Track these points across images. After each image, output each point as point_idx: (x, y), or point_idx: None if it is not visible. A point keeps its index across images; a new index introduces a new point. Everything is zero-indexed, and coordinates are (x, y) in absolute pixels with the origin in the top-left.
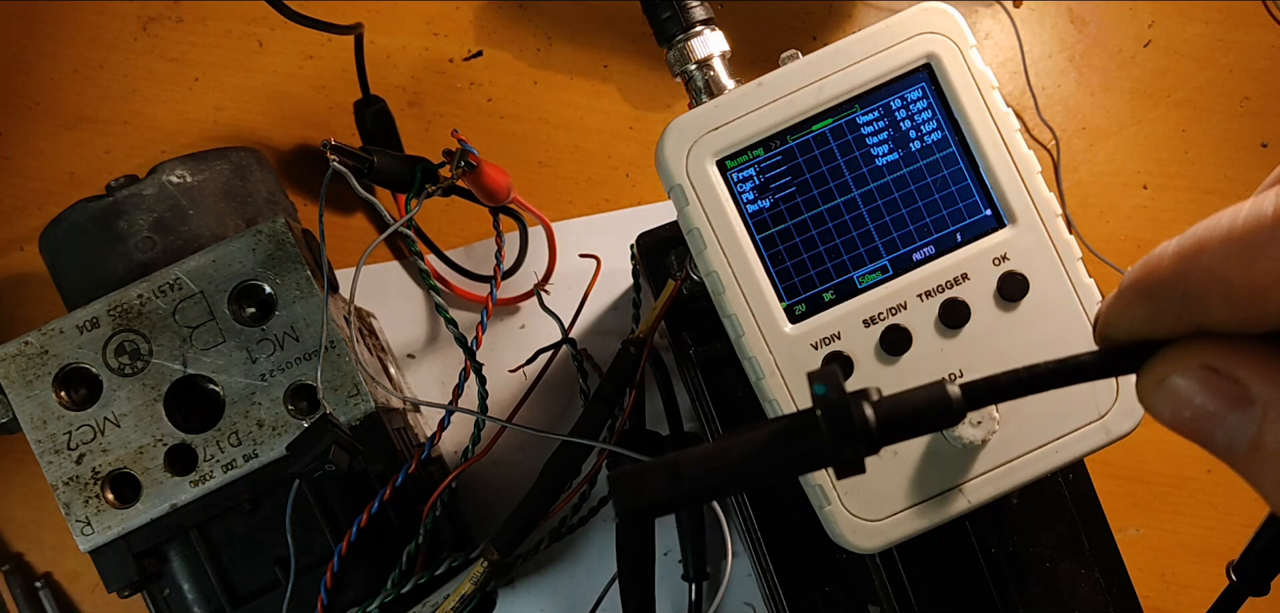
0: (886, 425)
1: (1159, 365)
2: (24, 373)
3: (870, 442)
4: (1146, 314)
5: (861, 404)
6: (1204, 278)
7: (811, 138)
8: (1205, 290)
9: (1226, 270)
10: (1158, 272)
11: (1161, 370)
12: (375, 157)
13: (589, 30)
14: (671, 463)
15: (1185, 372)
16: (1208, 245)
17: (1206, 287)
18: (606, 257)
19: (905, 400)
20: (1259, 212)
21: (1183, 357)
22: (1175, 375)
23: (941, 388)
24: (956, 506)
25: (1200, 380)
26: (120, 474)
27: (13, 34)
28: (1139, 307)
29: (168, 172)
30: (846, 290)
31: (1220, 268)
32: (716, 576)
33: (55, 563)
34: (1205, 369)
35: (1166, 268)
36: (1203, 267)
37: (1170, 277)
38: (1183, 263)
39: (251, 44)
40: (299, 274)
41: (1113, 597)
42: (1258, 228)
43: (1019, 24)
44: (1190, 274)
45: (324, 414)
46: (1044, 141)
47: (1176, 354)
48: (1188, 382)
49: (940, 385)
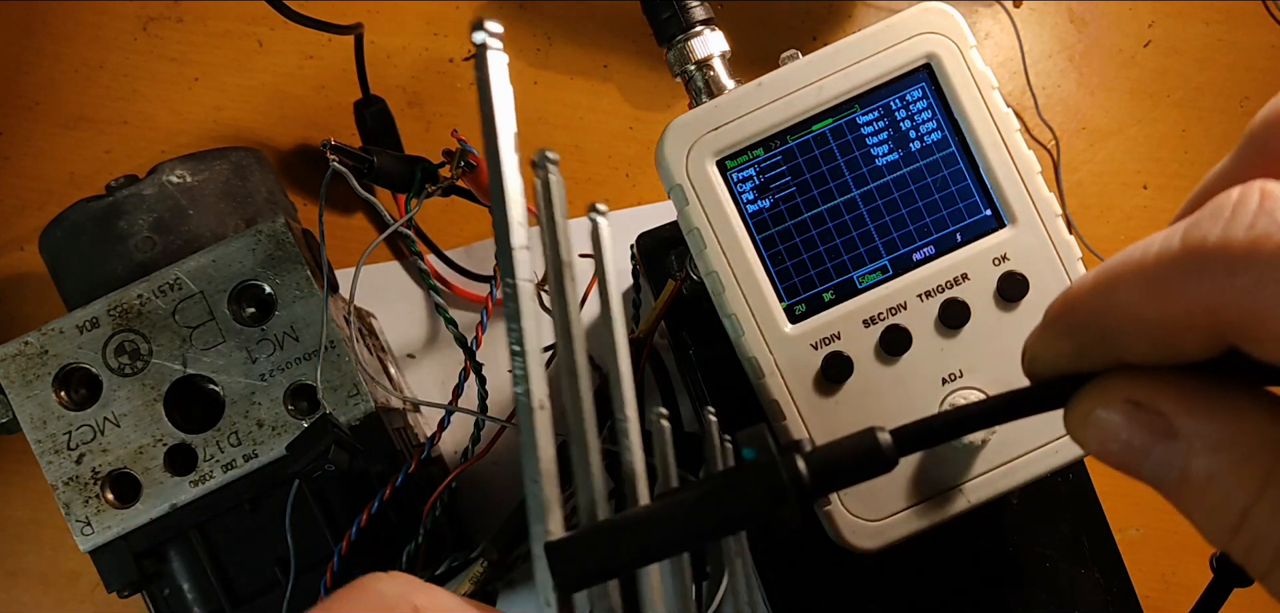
0: (820, 477)
1: (1083, 400)
2: (24, 373)
3: (804, 496)
4: (1069, 350)
5: (793, 460)
6: (1120, 317)
7: (811, 138)
8: (1122, 328)
9: (1140, 309)
10: (1076, 308)
11: (1086, 405)
12: (375, 157)
13: (589, 30)
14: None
15: (1109, 406)
16: (1121, 281)
17: (1123, 325)
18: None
19: (837, 450)
20: (1168, 247)
21: (1106, 391)
22: (1099, 409)
23: (872, 436)
24: (956, 505)
25: (1124, 414)
26: (120, 474)
27: (13, 34)
28: (1062, 342)
29: (168, 171)
30: (846, 290)
31: (1134, 306)
32: (716, 576)
33: (55, 563)
34: (1129, 403)
35: (1083, 305)
36: (1118, 305)
37: (1088, 313)
38: (1098, 300)
39: (251, 44)
40: (299, 274)
41: (1113, 597)
42: (1167, 265)
43: (1019, 24)
44: (1107, 311)
45: (324, 414)
46: (1044, 141)
47: (1100, 389)
48: (1112, 416)
49: (871, 434)
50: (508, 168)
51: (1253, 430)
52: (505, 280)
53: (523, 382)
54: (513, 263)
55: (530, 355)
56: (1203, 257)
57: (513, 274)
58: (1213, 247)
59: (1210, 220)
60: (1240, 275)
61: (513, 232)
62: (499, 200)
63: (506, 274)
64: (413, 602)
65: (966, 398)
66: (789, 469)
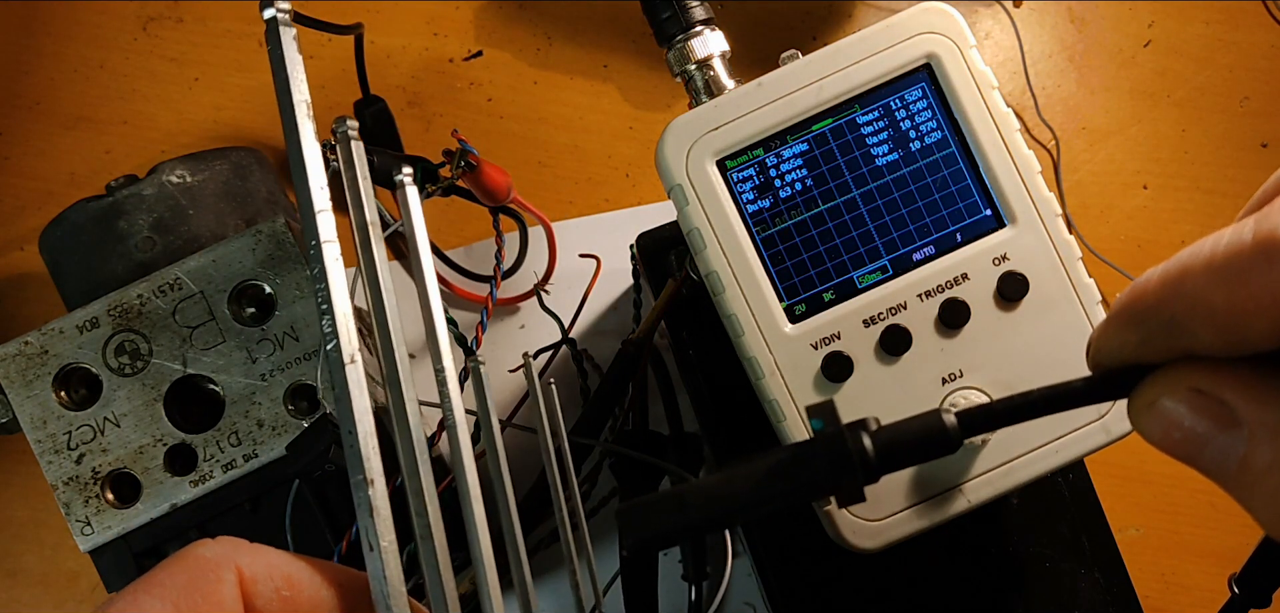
0: (884, 456)
1: (1148, 389)
2: (24, 373)
3: (869, 472)
4: (1136, 340)
5: (860, 436)
6: (1189, 305)
7: (811, 138)
8: (1190, 317)
9: (1209, 298)
10: (1145, 299)
11: (1151, 394)
12: (375, 157)
13: (589, 30)
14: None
15: (1173, 395)
16: (1191, 273)
17: (1191, 313)
18: (606, 257)
19: (902, 430)
20: (1239, 239)
21: (1171, 380)
22: (1164, 398)
23: (938, 417)
24: (956, 505)
25: (1188, 403)
26: (120, 474)
27: (13, 34)
28: (1128, 332)
29: (168, 172)
30: (846, 290)
31: (1203, 295)
32: (716, 575)
33: (55, 563)
34: (1193, 392)
35: (1153, 295)
36: (1187, 294)
37: (1156, 304)
38: (1168, 290)
39: (251, 44)
40: (299, 274)
41: (1113, 597)
42: (1238, 255)
43: (1019, 24)
44: (1175, 301)
45: (324, 414)
46: (1044, 141)
47: (1165, 378)
48: (1176, 404)
49: (937, 415)
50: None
51: None
52: (309, 241)
53: (332, 337)
54: (316, 226)
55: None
56: (1273, 247)
57: (316, 235)
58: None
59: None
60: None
61: (314, 196)
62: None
63: (310, 236)
64: (236, 562)
65: (966, 398)
66: (856, 443)
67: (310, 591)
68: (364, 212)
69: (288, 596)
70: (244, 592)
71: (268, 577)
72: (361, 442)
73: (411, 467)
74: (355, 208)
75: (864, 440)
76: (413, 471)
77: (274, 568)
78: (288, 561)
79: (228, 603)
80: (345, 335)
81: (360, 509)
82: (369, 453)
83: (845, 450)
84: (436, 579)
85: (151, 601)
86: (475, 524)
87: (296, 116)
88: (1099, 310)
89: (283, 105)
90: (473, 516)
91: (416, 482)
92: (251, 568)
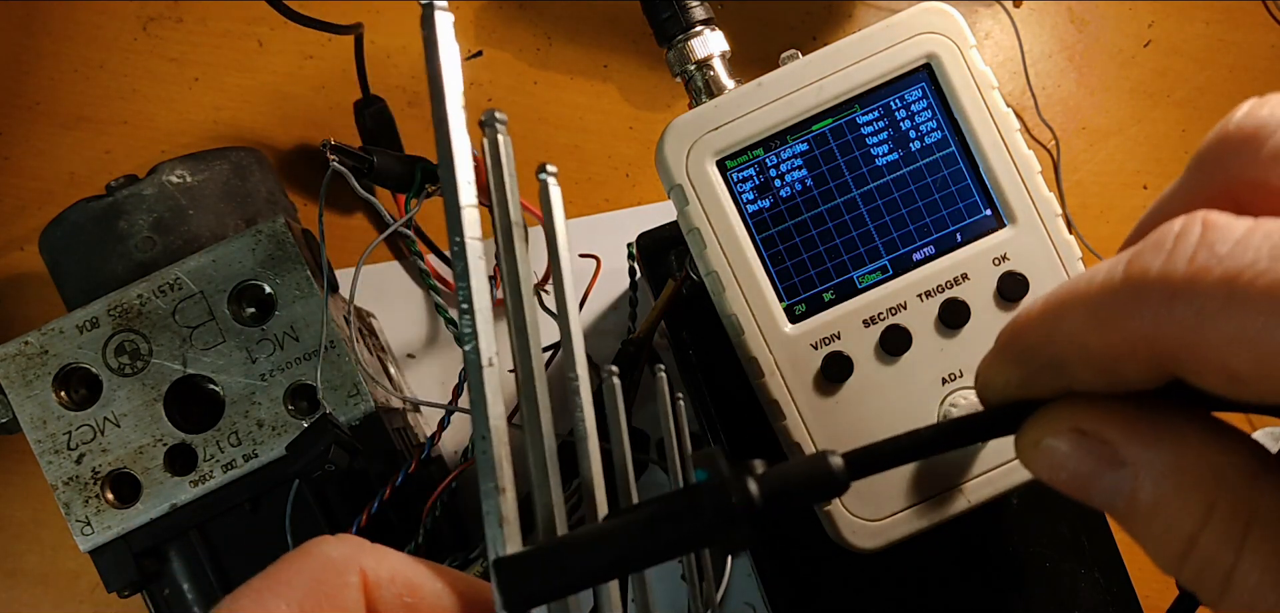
0: (771, 500)
1: (1032, 429)
2: (24, 373)
3: (754, 520)
4: (1018, 378)
5: (745, 483)
6: (1066, 344)
7: (811, 138)
8: (1068, 356)
9: (1084, 338)
10: (1025, 335)
11: (1035, 434)
12: (375, 157)
13: (589, 30)
14: (556, 549)
15: (1057, 435)
16: (1067, 311)
17: (1068, 353)
18: (606, 257)
19: (788, 474)
20: (1111, 278)
21: (1054, 420)
22: (1048, 438)
23: (824, 460)
24: (956, 505)
25: (1072, 443)
26: (120, 474)
27: (13, 34)
28: (1011, 369)
29: (168, 172)
30: (846, 290)
31: (1078, 336)
32: (716, 575)
33: (55, 563)
34: (1076, 432)
35: (1032, 333)
36: (1064, 334)
37: (1036, 341)
38: (1046, 328)
39: (251, 44)
40: (299, 274)
41: (1112, 597)
42: (1109, 295)
43: (1019, 24)
44: (1054, 340)
45: (324, 414)
46: (1044, 142)
47: (1048, 417)
48: (1060, 444)
49: (823, 457)
50: (455, 126)
51: (1197, 458)
52: (453, 239)
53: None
54: (461, 221)
55: (479, 313)
56: (1144, 288)
57: (460, 232)
58: (1154, 279)
59: (1152, 251)
60: (1180, 308)
61: (460, 191)
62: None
63: (454, 233)
64: (360, 564)
65: (966, 398)
66: (740, 493)
67: (433, 598)
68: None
69: (410, 602)
70: (367, 596)
71: (391, 581)
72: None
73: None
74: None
75: (749, 487)
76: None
77: (397, 573)
78: (411, 565)
79: (353, 606)
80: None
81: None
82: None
83: (728, 502)
84: None
85: (277, 601)
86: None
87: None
88: None
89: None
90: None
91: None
92: (375, 572)
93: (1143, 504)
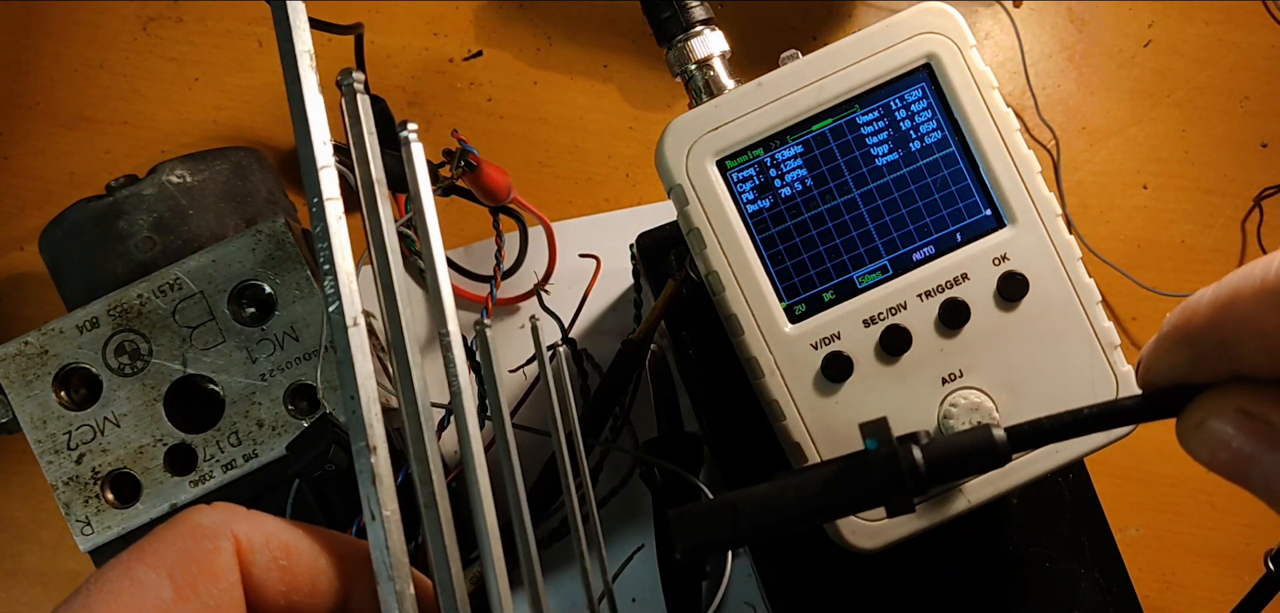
0: (934, 470)
1: (1197, 409)
2: (24, 373)
3: (919, 486)
4: (1186, 359)
5: (912, 451)
6: (1239, 327)
7: (811, 138)
8: (1240, 339)
9: (1260, 321)
10: (1195, 320)
11: (1199, 414)
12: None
13: (589, 30)
14: (731, 503)
15: (1222, 415)
16: (1242, 296)
17: (1241, 336)
18: (606, 257)
19: (953, 445)
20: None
21: (1220, 401)
22: (1212, 419)
23: (988, 433)
24: (956, 505)
25: (1236, 424)
26: (120, 474)
27: (13, 34)
28: (1178, 352)
29: (168, 172)
30: (846, 290)
31: (1254, 318)
32: (717, 575)
33: (55, 563)
34: (1241, 413)
35: (1203, 316)
36: (1237, 317)
37: (1207, 325)
38: (1218, 312)
39: (251, 44)
40: (299, 274)
41: (1112, 597)
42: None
43: (1019, 24)
44: (1226, 323)
45: (324, 414)
46: (1044, 142)
47: (1214, 399)
48: (1224, 425)
49: (987, 431)
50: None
51: None
52: (311, 200)
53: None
54: (319, 182)
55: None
56: None
57: (319, 193)
58: None
59: None
60: None
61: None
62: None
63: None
64: (233, 529)
65: (966, 398)
66: (907, 461)
67: (309, 559)
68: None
69: (285, 565)
70: (241, 560)
71: (265, 545)
72: (364, 407)
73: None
74: (360, 162)
75: (915, 455)
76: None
77: (272, 536)
78: (285, 528)
79: (225, 572)
80: (348, 296)
81: (362, 477)
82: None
83: (898, 469)
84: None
85: (145, 570)
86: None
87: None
88: (1099, 310)
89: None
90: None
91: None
92: (249, 536)
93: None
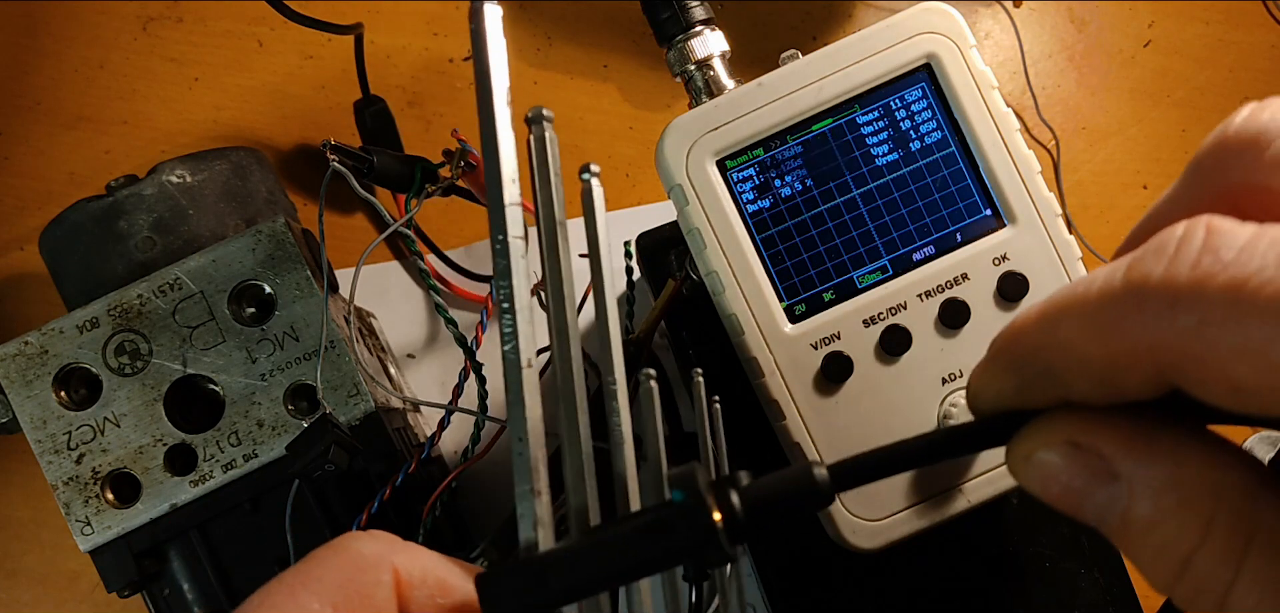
0: (754, 514)
1: (1025, 441)
2: (24, 373)
3: (736, 534)
4: (1013, 387)
5: (728, 496)
6: (1063, 352)
7: (811, 138)
8: (1065, 366)
9: (1083, 347)
10: (1021, 344)
11: (1027, 446)
12: (375, 156)
13: (589, 30)
14: (538, 565)
15: (1050, 447)
16: (1066, 318)
17: (1066, 363)
18: (606, 257)
19: (772, 487)
20: (1110, 283)
21: (1047, 432)
22: (1041, 451)
23: (808, 471)
24: (956, 505)
25: (1065, 456)
26: (120, 474)
27: (13, 34)
28: (1005, 378)
29: (168, 172)
30: (846, 290)
31: (1077, 344)
32: (717, 576)
33: (55, 563)
34: (1070, 445)
35: (1029, 340)
36: (1062, 342)
37: (1033, 350)
38: (1042, 334)
39: (251, 44)
40: (299, 274)
41: (1112, 597)
42: (1109, 300)
43: (1019, 24)
44: (1051, 348)
45: (324, 414)
46: (1044, 141)
47: (1041, 429)
48: (1053, 457)
49: (807, 469)
50: (501, 122)
51: (1195, 474)
52: (495, 237)
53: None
54: (505, 219)
55: (520, 313)
56: (1145, 294)
57: (504, 231)
58: (1155, 285)
59: (1154, 257)
60: (1183, 316)
61: (505, 188)
62: (491, 155)
63: (497, 230)
64: (392, 562)
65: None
66: (723, 506)
67: (463, 597)
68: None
69: (443, 604)
70: (399, 595)
71: (423, 581)
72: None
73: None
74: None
75: (733, 499)
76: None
77: (429, 572)
78: (442, 564)
79: (384, 606)
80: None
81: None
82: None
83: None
84: None
85: (310, 596)
86: None
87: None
88: None
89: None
90: None
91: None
92: (408, 570)
93: (1137, 521)
